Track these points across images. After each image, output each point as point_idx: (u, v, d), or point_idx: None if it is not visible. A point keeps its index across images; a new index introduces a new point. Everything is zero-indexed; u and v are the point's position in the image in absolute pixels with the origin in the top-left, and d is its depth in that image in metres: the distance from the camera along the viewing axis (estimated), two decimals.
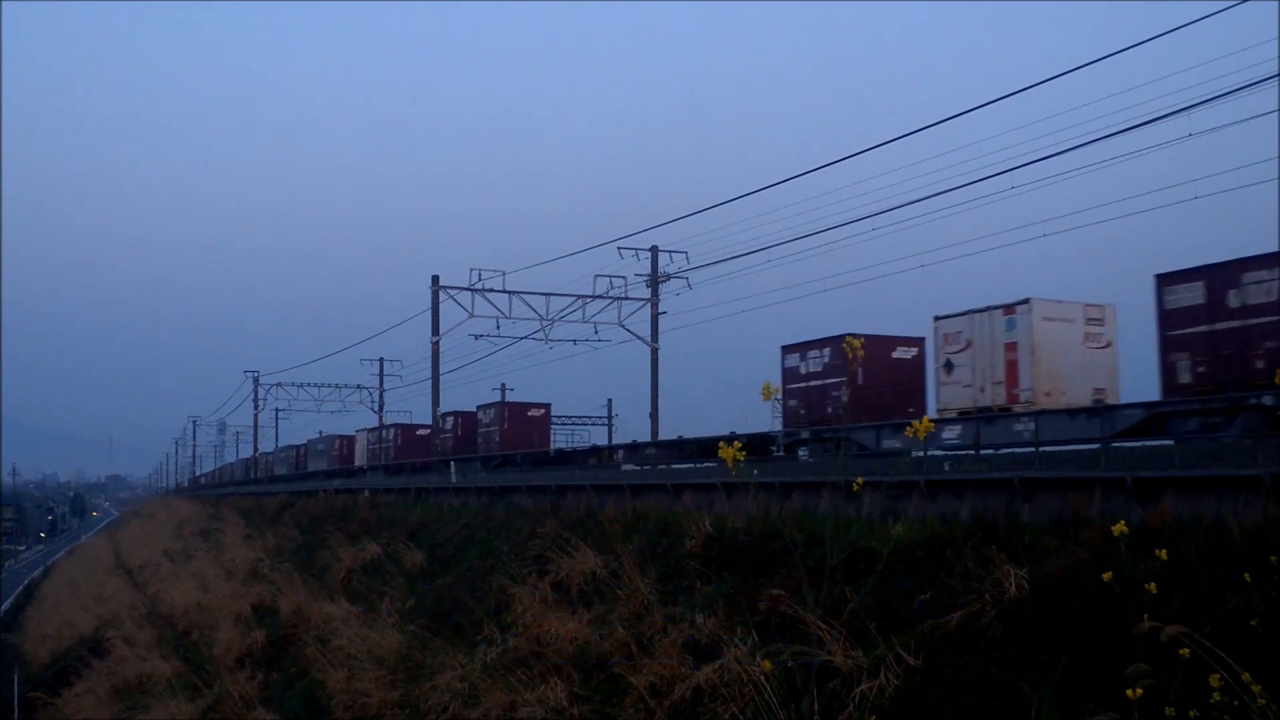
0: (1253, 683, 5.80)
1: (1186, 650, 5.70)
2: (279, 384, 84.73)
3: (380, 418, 74.43)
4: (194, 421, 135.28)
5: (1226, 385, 20.20)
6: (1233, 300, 20.26)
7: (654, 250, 43.75)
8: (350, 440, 73.70)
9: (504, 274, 44.32)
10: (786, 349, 31.40)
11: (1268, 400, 18.99)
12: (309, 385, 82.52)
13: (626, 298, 44.33)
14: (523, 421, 51.23)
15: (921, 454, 18.99)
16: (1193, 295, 21.00)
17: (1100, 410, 22.33)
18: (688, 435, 37.45)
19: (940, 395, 26.58)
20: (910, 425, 6.10)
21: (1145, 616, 5.79)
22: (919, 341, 29.47)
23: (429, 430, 55.23)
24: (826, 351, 29.75)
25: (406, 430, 64.79)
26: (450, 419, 54.37)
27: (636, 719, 14.41)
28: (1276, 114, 18.25)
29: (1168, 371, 21.40)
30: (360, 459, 68.71)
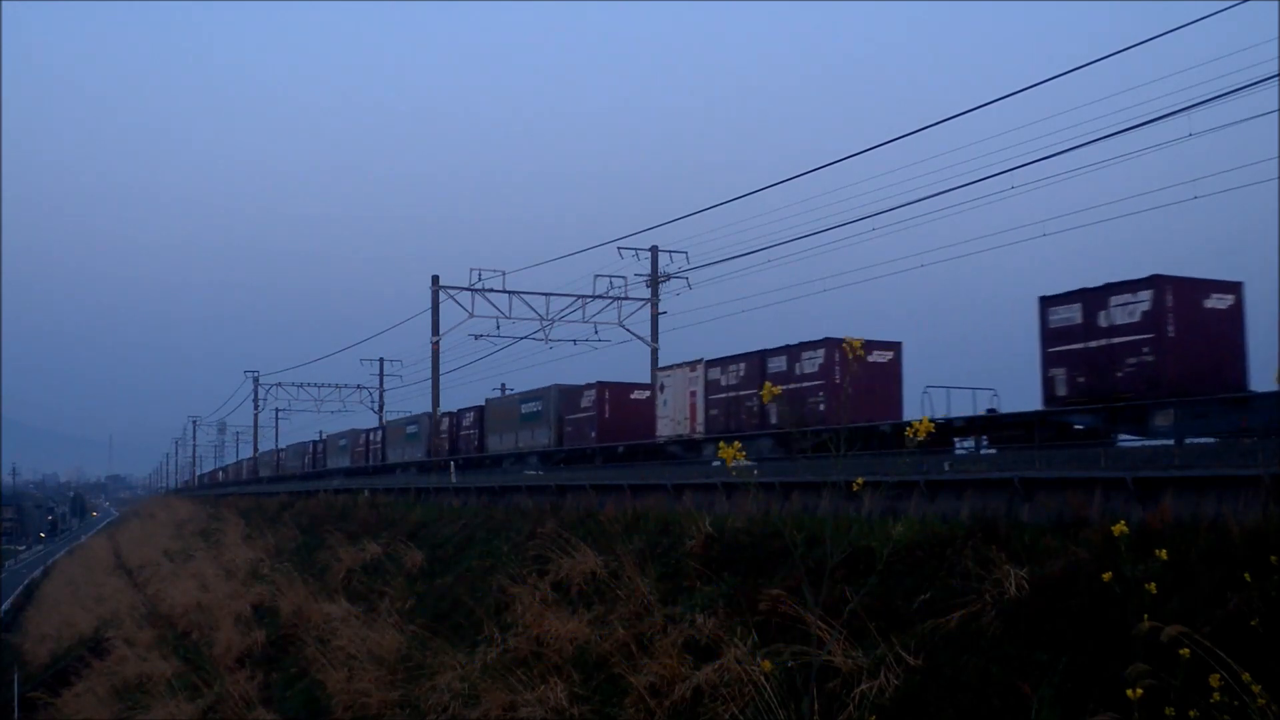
0: (1253, 683, 5.80)
1: (1186, 650, 5.70)
2: (279, 384, 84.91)
3: (380, 417, 74.38)
4: (194, 421, 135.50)
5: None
6: None
7: (654, 250, 43.74)
8: (619, 394, 38.27)
9: (504, 274, 44.34)
10: None
11: None
12: (309, 385, 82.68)
13: (626, 298, 44.34)
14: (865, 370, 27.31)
15: None
16: None
17: None
18: None
19: None
20: (907, 425, 6.07)
21: (1145, 616, 5.78)
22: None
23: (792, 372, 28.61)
24: None
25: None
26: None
27: (636, 719, 14.41)
28: (1276, 114, 18.23)
29: None
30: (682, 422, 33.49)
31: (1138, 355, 20.71)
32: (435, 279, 45.71)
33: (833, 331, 29.47)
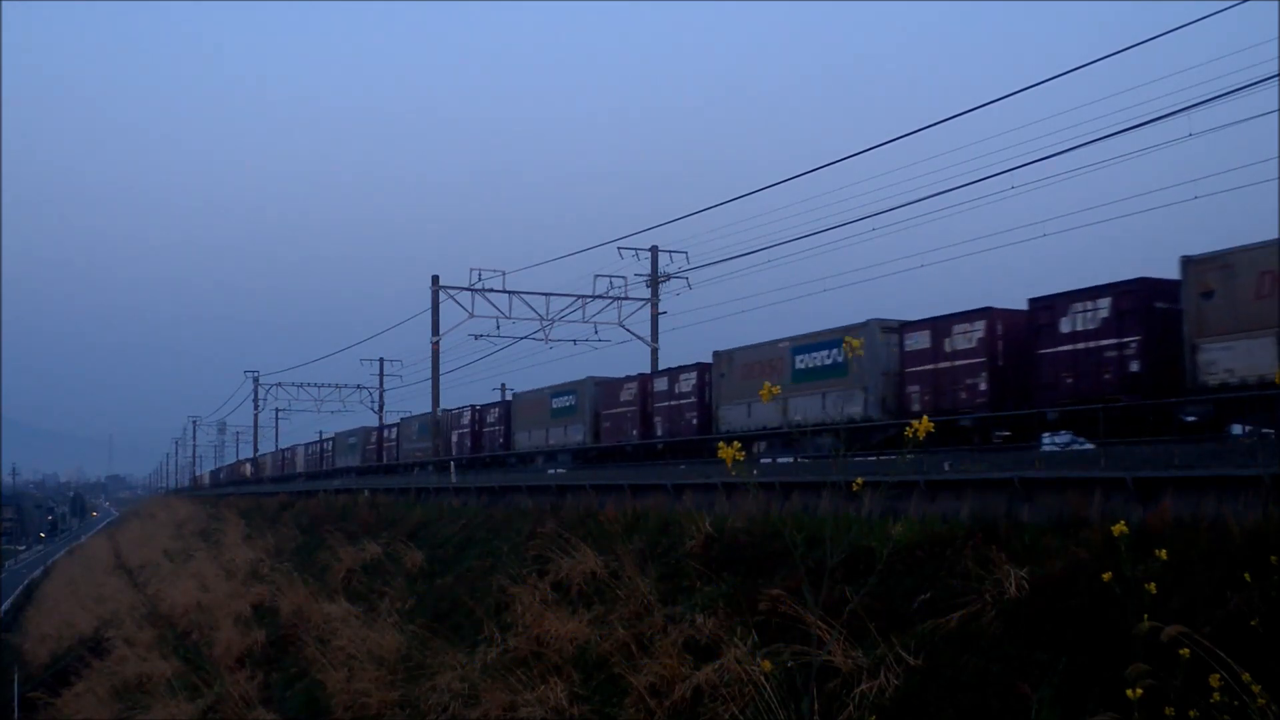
0: (1253, 683, 5.79)
1: (1186, 650, 5.69)
2: (279, 384, 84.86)
3: (380, 417, 74.30)
4: (194, 421, 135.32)
5: None
6: None
7: (654, 250, 43.71)
8: None
9: (504, 274, 44.31)
10: None
11: None
12: (309, 385, 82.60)
13: (626, 298, 44.31)
14: None
15: None
16: None
17: None
18: None
19: None
20: (909, 425, 6.06)
21: (1145, 616, 5.78)
22: None
23: None
24: None
25: None
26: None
27: (636, 719, 14.41)
28: (1276, 114, 18.22)
29: None
30: None
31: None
32: (435, 279, 45.69)
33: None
